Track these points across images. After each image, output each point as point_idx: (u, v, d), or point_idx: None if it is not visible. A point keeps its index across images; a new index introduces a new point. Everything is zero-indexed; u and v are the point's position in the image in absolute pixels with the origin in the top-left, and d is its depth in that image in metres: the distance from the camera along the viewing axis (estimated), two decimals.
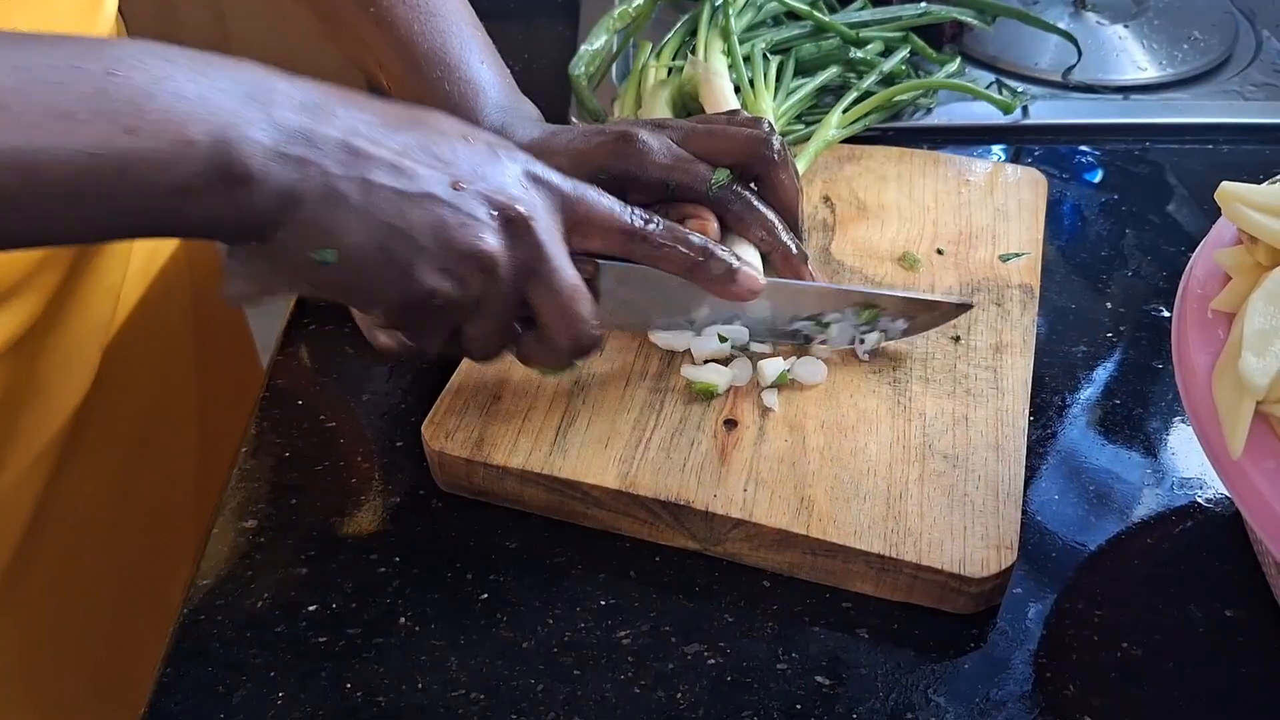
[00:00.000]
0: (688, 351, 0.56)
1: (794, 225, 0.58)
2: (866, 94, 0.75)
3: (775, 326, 0.56)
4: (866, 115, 0.74)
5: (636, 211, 0.51)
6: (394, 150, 0.44)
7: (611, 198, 0.51)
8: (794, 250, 0.56)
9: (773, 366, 0.54)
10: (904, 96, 0.75)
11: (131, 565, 0.71)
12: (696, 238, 0.52)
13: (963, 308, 0.57)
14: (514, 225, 0.46)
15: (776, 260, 0.57)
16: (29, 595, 0.63)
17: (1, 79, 0.36)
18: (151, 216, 0.40)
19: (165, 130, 0.39)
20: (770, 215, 0.56)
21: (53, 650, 0.66)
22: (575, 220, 0.50)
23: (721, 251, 0.52)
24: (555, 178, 0.49)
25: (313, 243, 0.43)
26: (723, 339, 0.55)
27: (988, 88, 0.85)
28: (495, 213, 0.46)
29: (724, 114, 0.60)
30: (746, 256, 0.56)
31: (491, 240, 0.46)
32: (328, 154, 0.42)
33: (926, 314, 0.56)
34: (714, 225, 0.56)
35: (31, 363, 0.60)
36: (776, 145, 0.56)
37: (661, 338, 0.56)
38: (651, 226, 0.51)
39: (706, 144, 0.56)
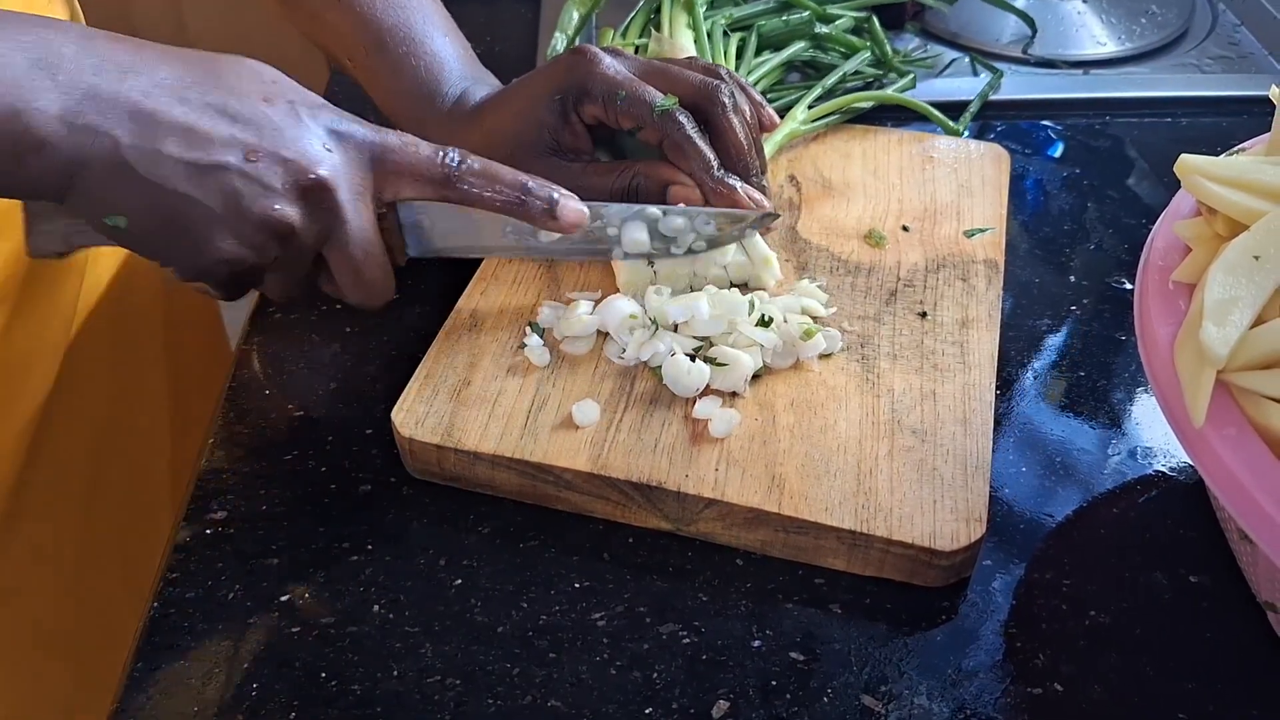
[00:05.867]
0: (652, 340, 0.55)
1: (744, 171, 0.58)
2: (830, 93, 0.75)
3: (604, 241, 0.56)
4: (830, 115, 0.73)
5: (448, 154, 0.51)
6: (188, 114, 0.44)
7: (422, 144, 0.51)
8: (722, 191, 0.56)
9: (747, 364, 0.53)
10: (862, 105, 0.74)
11: (109, 554, 0.71)
12: (510, 174, 0.51)
13: (769, 218, 0.57)
14: (312, 192, 0.46)
15: (707, 194, 0.57)
16: (4, 584, 0.63)
17: None
18: None
19: None
20: (707, 152, 0.56)
21: (31, 640, 0.66)
22: (384, 173, 0.49)
23: (539, 188, 0.52)
24: (360, 131, 0.49)
25: (103, 210, 0.43)
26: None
27: (952, 63, 0.86)
28: (292, 180, 0.46)
29: (683, 59, 0.60)
30: None
31: (288, 209, 0.46)
32: (117, 121, 0.42)
33: (732, 226, 0.57)
34: (696, 193, 0.57)
35: None
36: (725, 91, 0.56)
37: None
38: (465, 166, 0.51)
39: (658, 82, 0.57)
